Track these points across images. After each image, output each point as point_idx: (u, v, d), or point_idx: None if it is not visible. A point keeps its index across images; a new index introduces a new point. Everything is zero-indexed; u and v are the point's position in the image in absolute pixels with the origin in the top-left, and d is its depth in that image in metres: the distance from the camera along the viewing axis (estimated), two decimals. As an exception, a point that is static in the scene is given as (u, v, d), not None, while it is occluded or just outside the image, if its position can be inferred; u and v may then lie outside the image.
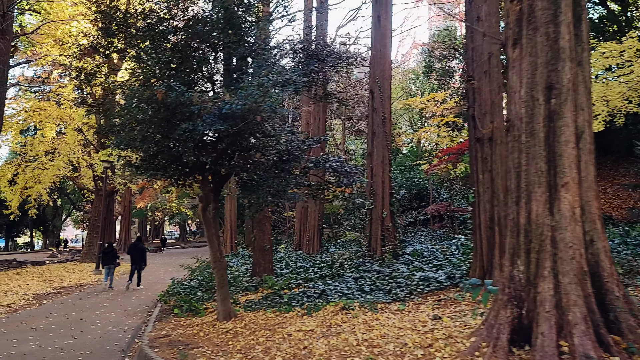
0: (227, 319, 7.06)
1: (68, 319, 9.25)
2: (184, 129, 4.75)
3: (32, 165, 23.65)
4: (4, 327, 8.53)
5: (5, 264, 25.64)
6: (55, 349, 6.88)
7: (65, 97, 23.99)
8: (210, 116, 4.69)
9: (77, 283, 15.71)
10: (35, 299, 12.15)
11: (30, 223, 47.17)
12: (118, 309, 10.58)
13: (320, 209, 17.84)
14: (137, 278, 14.05)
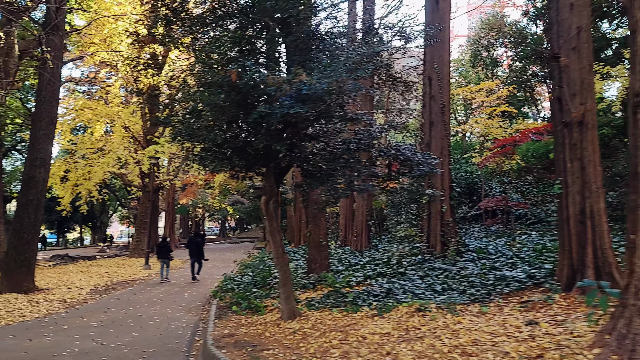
0: (292, 319, 6.68)
1: (126, 315, 9.17)
2: (259, 113, 4.36)
3: (83, 162, 24.30)
4: (65, 322, 8.51)
5: (59, 258, 26.57)
6: (117, 346, 6.71)
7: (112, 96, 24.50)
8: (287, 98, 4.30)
9: (129, 278, 15.86)
10: (91, 293, 12.26)
11: (79, 219, 48.98)
12: (172, 304, 10.46)
13: (369, 203, 17.30)
14: (197, 270, 14.46)
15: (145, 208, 25.32)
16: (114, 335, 7.39)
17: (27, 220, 11.78)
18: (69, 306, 10.28)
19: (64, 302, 10.76)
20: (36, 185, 11.94)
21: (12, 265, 11.59)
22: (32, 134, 12.14)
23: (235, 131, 5.14)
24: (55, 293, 11.89)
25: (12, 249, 11.70)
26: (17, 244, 11.69)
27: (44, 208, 12.66)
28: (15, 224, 11.87)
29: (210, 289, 13.15)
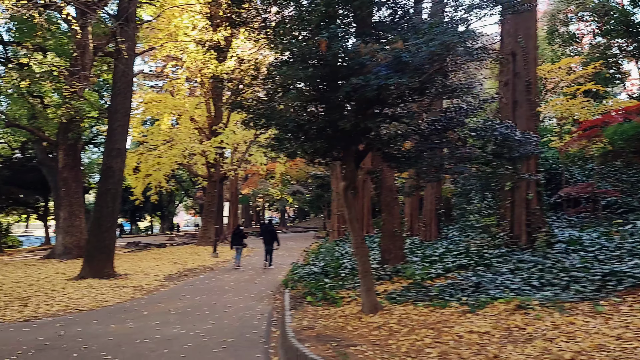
0: (374, 312, 6.26)
1: (201, 302, 9.21)
2: (351, 86, 3.95)
3: (153, 154, 25.29)
4: (145, 308, 8.66)
5: (133, 245, 27.98)
6: (197, 335, 6.65)
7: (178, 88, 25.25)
8: (383, 68, 3.85)
9: (199, 265, 16.21)
10: (166, 280, 12.57)
11: (150, 209, 51.55)
12: (244, 293, 10.43)
13: (438, 191, 16.47)
14: (270, 258, 14.96)
15: (212, 198, 25.97)
16: (192, 323, 7.36)
17: (106, 209, 12.24)
18: (146, 292, 10.54)
19: (141, 288, 11.08)
20: (113, 175, 12.36)
21: (94, 252, 12.12)
22: (108, 125, 12.58)
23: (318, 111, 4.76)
24: (133, 279, 12.30)
25: (93, 236, 12.23)
26: (97, 231, 12.20)
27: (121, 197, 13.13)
28: (95, 212, 12.39)
29: (278, 277, 13.12)
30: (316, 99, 4.67)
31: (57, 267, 15.24)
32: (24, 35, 18.29)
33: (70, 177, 18.31)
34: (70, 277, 12.24)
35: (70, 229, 17.91)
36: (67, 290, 10.34)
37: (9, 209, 28.47)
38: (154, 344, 6.17)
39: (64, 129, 18.23)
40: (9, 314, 8.03)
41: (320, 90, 4.50)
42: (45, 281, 11.72)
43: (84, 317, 7.97)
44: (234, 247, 15.35)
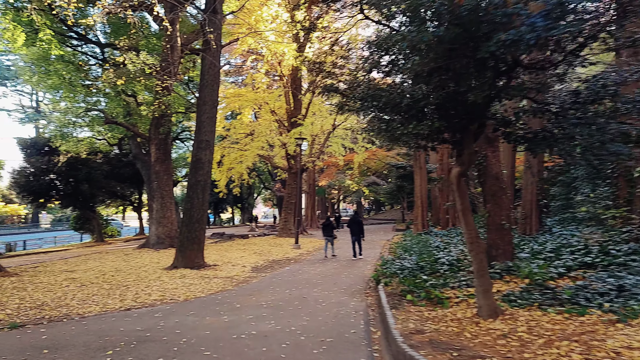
0: (493, 317, 5.44)
1: (291, 296, 8.90)
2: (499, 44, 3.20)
3: (235, 147, 25.90)
4: (237, 301, 8.51)
5: (218, 236, 28.99)
6: (292, 332, 6.26)
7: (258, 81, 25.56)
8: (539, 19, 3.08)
9: (283, 257, 16.14)
10: (253, 271, 12.54)
11: (231, 201, 53.61)
12: (333, 286, 9.99)
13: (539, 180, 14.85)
14: (358, 249, 15.08)
15: (292, 189, 26.05)
16: (286, 319, 7.02)
17: (196, 200, 12.44)
18: (236, 284, 10.49)
19: (231, 279, 11.08)
20: (203, 167, 12.52)
21: (185, 242, 12.38)
22: (197, 118, 12.76)
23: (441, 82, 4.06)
24: (222, 270, 12.41)
25: (184, 227, 12.50)
26: (188, 222, 12.45)
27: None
28: (186, 203, 12.65)
29: (365, 271, 12.57)
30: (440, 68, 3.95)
31: (151, 256, 15.95)
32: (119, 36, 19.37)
33: (161, 170, 19.14)
34: (164, 267, 12.63)
35: (162, 220, 18.74)
36: (163, 279, 10.59)
37: (109, 202, 30.75)
38: (251, 341, 5.87)
39: (156, 124, 19.06)
40: (111, 302, 8.26)
41: (450, 54, 3.77)
42: (142, 270, 12.18)
43: (180, 307, 7.97)
44: (325, 238, 15.53)
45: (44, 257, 17.86)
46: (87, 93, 18.33)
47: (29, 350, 5.51)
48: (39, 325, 6.72)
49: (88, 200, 25.78)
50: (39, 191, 23.75)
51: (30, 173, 23.80)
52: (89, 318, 7.20)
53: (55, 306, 7.86)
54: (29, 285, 9.83)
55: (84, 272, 12.12)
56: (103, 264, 13.86)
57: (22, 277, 11.27)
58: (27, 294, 8.83)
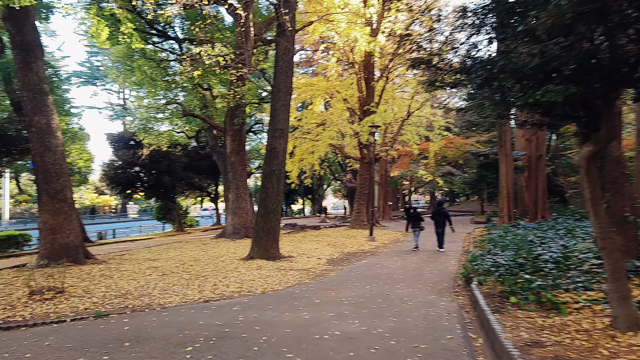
0: (634, 329, 4.42)
1: (373, 292, 8.26)
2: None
3: (307, 137, 25.67)
4: (315, 295, 8.03)
5: (290, 227, 29.11)
6: (380, 335, 5.62)
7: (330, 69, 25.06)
8: None
9: (358, 249, 15.54)
10: (329, 264, 12.07)
11: (302, 192, 54.10)
12: (417, 283, 9.21)
13: None
14: (441, 241, 14.65)
15: (364, 180, 25.33)
16: (370, 319, 6.39)
17: (271, 190, 12.19)
18: (313, 277, 10.05)
19: (307, 271, 10.67)
20: (277, 156, 12.23)
21: (261, 233, 12.19)
22: (271, 106, 12.48)
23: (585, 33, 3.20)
24: (297, 261, 12.07)
25: (260, 217, 12.30)
26: (263, 212, 12.23)
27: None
28: (261, 193, 12.45)
29: (449, 266, 11.62)
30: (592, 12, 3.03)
31: (228, 246, 16.10)
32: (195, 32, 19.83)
33: (236, 161, 19.32)
34: (241, 257, 12.56)
35: (238, 211, 18.93)
36: (240, 270, 10.43)
37: (187, 193, 32.10)
38: (335, 343, 5.32)
39: (230, 115, 19.24)
40: (190, 293, 8.14)
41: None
42: (219, 260, 12.18)
43: (258, 301, 7.64)
44: (412, 230, 15.09)
45: (130, 245, 18.79)
46: (166, 87, 18.92)
47: (111, 342, 5.39)
48: (122, 315, 6.69)
49: (169, 191, 26.97)
50: (125, 183, 25.21)
51: (118, 166, 25.32)
52: (169, 309, 7.08)
53: (138, 295, 7.88)
54: (115, 273, 10.10)
55: (165, 260, 12.38)
56: (183, 253, 14.14)
57: (109, 264, 11.71)
58: (113, 282, 9.02)
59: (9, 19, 11.24)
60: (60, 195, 11.56)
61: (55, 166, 11.58)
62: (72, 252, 11.56)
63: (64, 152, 12.00)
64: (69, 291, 7.93)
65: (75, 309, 6.95)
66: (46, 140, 11.51)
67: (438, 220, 14.60)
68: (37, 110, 11.48)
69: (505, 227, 18.56)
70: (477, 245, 14.72)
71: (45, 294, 7.39)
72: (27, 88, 11.44)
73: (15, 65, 11.71)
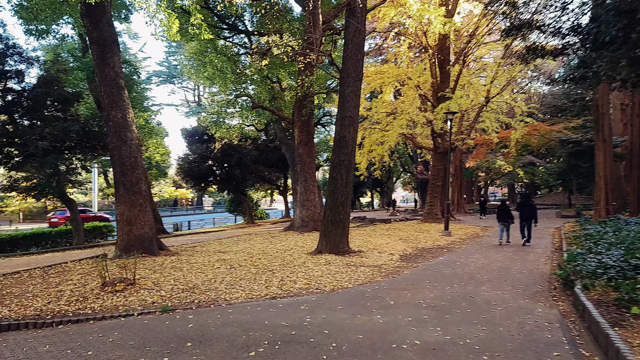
0: None
1: (454, 294, 7.38)
2: None
3: (377, 127, 24.77)
4: (389, 296, 7.32)
5: (359, 220, 28.43)
6: (469, 347, 4.81)
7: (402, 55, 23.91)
8: None
9: (432, 245, 14.52)
10: (402, 260, 11.26)
11: (370, 184, 53.12)
12: (504, 284, 8.18)
13: None
14: (527, 235, 14.07)
15: (438, 171, 23.97)
16: (454, 326, 5.58)
17: (340, 181, 11.59)
18: (385, 274, 9.32)
19: (379, 268, 9.96)
20: (346, 145, 11.59)
21: (329, 226, 11.65)
22: (340, 92, 11.84)
23: None
24: (367, 257, 11.40)
25: (328, 210, 11.76)
26: (332, 205, 11.68)
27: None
28: (329, 185, 11.90)
29: (538, 265, 10.37)
30: None
31: (296, 239, 15.81)
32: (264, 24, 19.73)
33: (304, 152, 18.99)
34: (309, 251, 12.14)
35: (306, 203, 18.61)
36: (307, 265, 9.97)
37: (258, 185, 32.56)
38: (416, 355, 4.59)
39: (298, 106, 18.92)
40: (257, 288, 7.79)
41: None
42: (287, 254, 11.85)
43: (326, 300, 7.09)
44: (500, 224, 14.55)
45: (203, 237, 19.20)
46: (236, 81, 19.01)
47: (173, 341, 5.09)
48: (188, 311, 6.45)
49: (239, 184, 27.45)
50: (199, 176, 26.01)
51: (192, 160, 26.17)
52: (235, 305, 6.75)
53: (205, 289, 7.66)
54: (185, 266, 10.08)
55: (234, 253, 12.28)
56: (251, 246, 14.04)
57: (180, 256, 11.82)
58: (182, 275, 8.94)
59: (87, 16, 11.62)
60: (135, 187, 11.83)
61: (131, 159, 11.87)
62: (147, 243, 11.81)
63: (139, 145, 12.27)
64: (140, 283, 7.91)
65: (143, 302, 6.85)
66: (122, 134, 11.81)
67: (524, 213, 13.95)
68: (114, 104, 11.80)
69: (602, 221, 16.48)
70: (571, 242, 13.09)
71: (117, 285, 7.40)
72: (105, 83, 11.79)
73: (93, 61, 12.13)
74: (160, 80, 51.99)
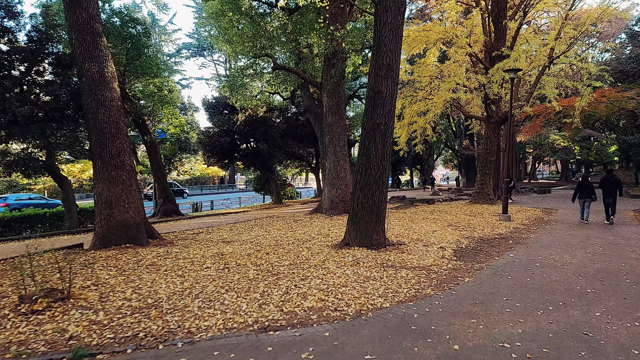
0: None
1: (555, 326, 4.52)
2: None
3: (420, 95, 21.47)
4: (449, 329, 4.51)
5: (397, 200, 25.45)
6: None
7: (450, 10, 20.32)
8: None
9: (492, 233, 11.51)
10: (457, 258, 8.36)
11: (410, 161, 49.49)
12: (629, 300, 5.21)
13: None
14: (612, 211, 13.31)
15: (492, 144, 20.57)
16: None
17: (374, 152, 8.74)
18: (437, 282, 6.49)
19: (427, 271, 7.13)
20: (383, 104, 8.67)
21: (360, 211, 8.90)
22: (375, 32, 8.81)
23: None
24: (410, 252, 8.58)
25: (358, 190, 8.98)
26: (363, 183, 8.89)
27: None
28: (360, 157, 9.08)
29: None
30: None
31: (322, 224, 13.19)
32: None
33: (334, 122, 16.16)
34: (334, 243, 9.46)
35: (336, 181, 15.89)
36: (327, 266, 7.26)
37: (288, 162, 30.01)
38: None
39: (327, 66, 16.03)
40: (245, 308, 5.17)
41: None
42: (305, 246, 9.20)
43: (348, 334, 4.40)
44: (581, 201, 13.88)
45: (218, 220, 16.95)
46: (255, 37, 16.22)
47: None
48: (116, 357, 3.92)
49: (266, 160, 24.98)
50: (221, 151, 23.69)
51: (214, 133, 23.84)
52: (197, 345, 4.17)
53: (168, 309, 5.12)
54: (167, 263, 7.63)
55: (240, 244, 9.78)
56: (266, 233, 11.55)
57: (172, 247, 9.44)
58: (151, 280, 6.43)
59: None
60: (116, 160, 9.46)
61: (110, 125, 9.46)
62: (132, 231, 9.50)
63: (120, 108, 9.81)
64: (78, 296, 5.49)
65: (58, 336, 4.36)
66: (98, 93, 9.39)
67: (607, 190, 13.45)
68: (88, 55, 9.36)
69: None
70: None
71: (38, 302, 4.99)
72: (76, 28, 9.34)
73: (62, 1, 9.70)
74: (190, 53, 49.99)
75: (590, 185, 13.70)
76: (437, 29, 20.43)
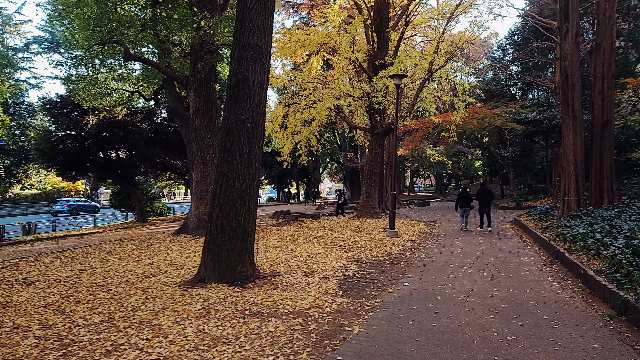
0: None
1: None
2: None
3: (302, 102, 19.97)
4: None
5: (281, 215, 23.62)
6: None
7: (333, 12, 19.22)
8: None
9: (380, 253, 10.14)
10: (343, 292, 6.55)
11: (296, 174, 48.37)
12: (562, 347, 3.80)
13: None
14: (487, 220, 14.79)
15: (376, 155, 19.79)
16: None
17: (238, 157, 6.54)
18: (316, 339, 4.50)
19: (305, 319, 5.13)
20: (250, 95, 6.52)
21: (219, 235, 6.62)
22: (238, 5, 6.78)
23: None
24: (286, 287, 6.57)
25: (217, 206, 6.71)
26: (223, 197, 6.66)
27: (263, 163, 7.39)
28: (220, 163, 6.85)
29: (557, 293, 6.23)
30: None
31: (182, 249, 10.61)
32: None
33: (202, 125, 13.70)
34: (185, 279, 7.04)
35: (204, 195, 13.40)
36: (159, 324, 4.83)
37: (157, 174, 26.32)
38: None
39: (194, 59, 13.57)
40: None
41: None
42: (140, 287, 6.59)
43: None
44: (460, 210, 15.45)
45: (52, 246, 13.25)
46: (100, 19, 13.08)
47: None
48: None
49: (127, 171, 21.26)
50: (66, 159, 19.42)
51: (57, 137, 19.50)
52: None
53: None
54: None
55: (48, 285, 6.85)
56: (101, 265, 8.66)
57: None
58: None
59: None
60: None
61: None
62: None
63: None
64: None
65: None
66: None
67: (482, 200, 14.75)
68: None
69: (577, 216, 13.18)
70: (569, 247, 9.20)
71: None
72: None
73: None
74: (42, 48, 42.82)
75: (469, 195, 15.27)
76: (320, 32, 19.25)
